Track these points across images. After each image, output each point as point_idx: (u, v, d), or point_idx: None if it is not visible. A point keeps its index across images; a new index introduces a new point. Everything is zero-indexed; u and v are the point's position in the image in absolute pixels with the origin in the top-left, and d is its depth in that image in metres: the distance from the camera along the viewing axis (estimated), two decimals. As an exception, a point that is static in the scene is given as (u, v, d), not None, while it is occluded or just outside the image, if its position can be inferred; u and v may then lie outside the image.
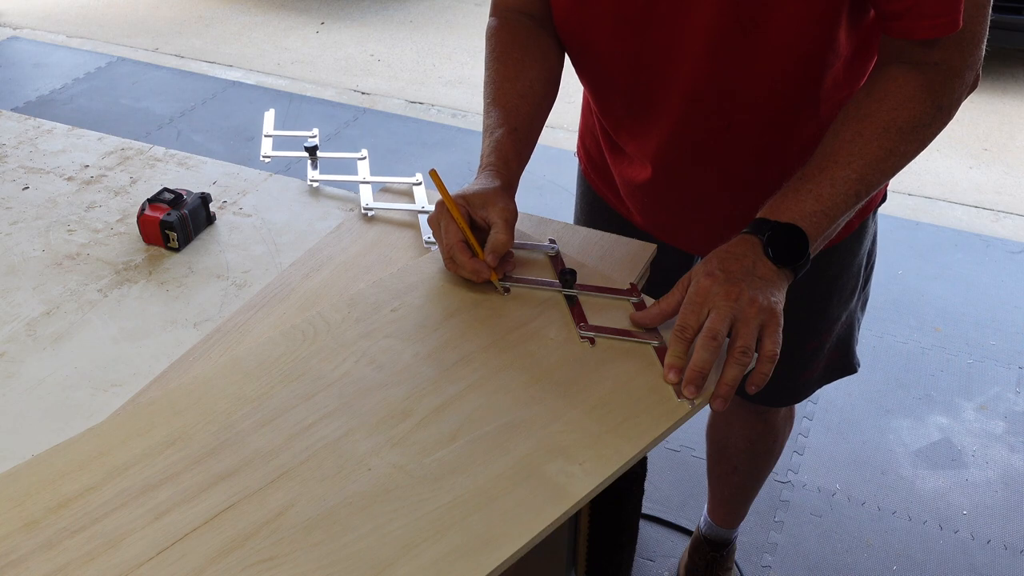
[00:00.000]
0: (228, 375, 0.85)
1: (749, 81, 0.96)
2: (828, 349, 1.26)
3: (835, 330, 1.24)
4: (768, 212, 0.90)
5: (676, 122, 1.02)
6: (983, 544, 1.81)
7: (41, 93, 3.56)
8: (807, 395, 1.35)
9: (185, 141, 3.21)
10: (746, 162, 1.05)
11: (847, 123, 0.91)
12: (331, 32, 4.24)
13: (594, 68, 1.06)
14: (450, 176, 2.99)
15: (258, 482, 0.74)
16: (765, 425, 1.43)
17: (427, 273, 0.99)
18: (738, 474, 1.53)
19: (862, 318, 1.30)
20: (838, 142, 0.90)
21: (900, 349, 2.31)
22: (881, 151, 0.89)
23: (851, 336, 1.29)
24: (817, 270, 1.12)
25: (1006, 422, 2.10)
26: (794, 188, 0.90)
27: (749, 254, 0.87)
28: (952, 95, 0.91)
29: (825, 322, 1.22)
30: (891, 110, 0.89)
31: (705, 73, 0.96)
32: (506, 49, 1.04)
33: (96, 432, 0.79)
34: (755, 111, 0.99)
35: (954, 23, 0.86)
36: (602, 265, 1.02)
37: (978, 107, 3.57)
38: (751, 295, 0.83)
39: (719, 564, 1.68)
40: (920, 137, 0.91)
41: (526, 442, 0.78)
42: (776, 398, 1.36)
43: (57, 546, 0.69)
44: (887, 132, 0.89)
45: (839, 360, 1.30)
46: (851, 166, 0.89)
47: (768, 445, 1.47)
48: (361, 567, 0.67)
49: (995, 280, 2.59)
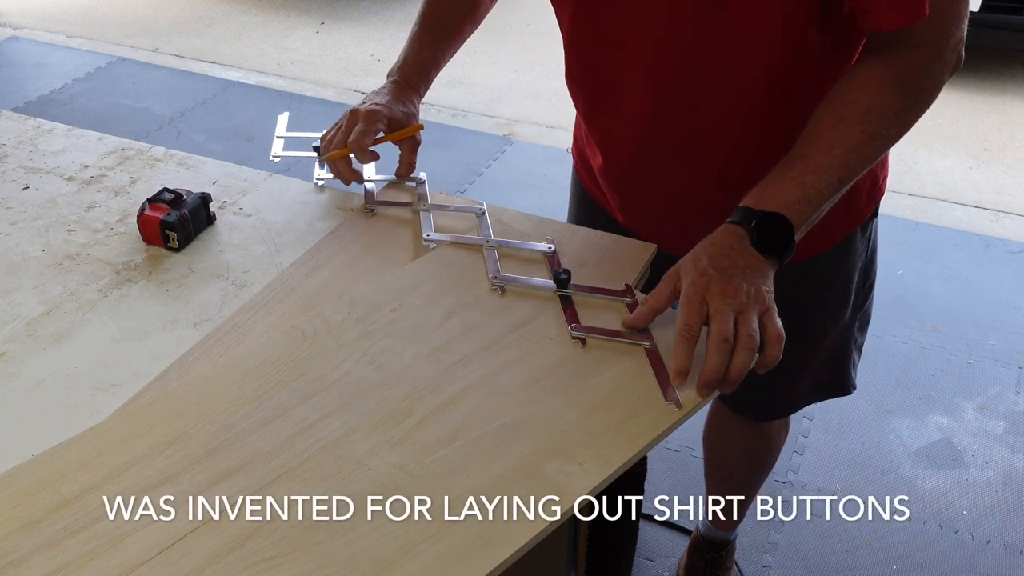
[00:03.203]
0: (228, 375, 0.85)
1: (714, 66, 0.95)
2: (817, 365, 1.24)
3: (823, 346, 1.22)
4: (752, 201, 0.90)
5: (645, 107, 1.01)
6: (983, 544, 1.81)
7: (41, 93, 3.56)
8: (796, 409, 1.35)
9: (185, 141, 3.21)
10: (718, 155, 1.04)
11: (829, 109, 0.91)
12: (331, 32, 4.24)
13: (568, 48, 1.07)
14: (450, 176, 3.01)
15: (258, 482, 0.74)
16: (761, 434, 1.43)
17: (427, 273, 0.99)
18: (734, 480, 1.53)
19: (861, 340, 1.27)
20: (820, 128, 0.90)
21: (900, 349, 2.31)
22: (863, 136, 0.89)
23: (845, 357, 1.26)
24: (793, 278, 1.12)
25: (1006, 422, 2.10)
26: (777, 176, 0.90)
27: (736, 247, 0.87)
28: (933, 77, 0.91)
29: (810, 336, 1.20)
30: (872, 95, 0.89)
31: (668, 53, 0.95)
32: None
33: (96, 432, 0.79)
34: (723, 99, 0.98)
35: (920, 11, 0.86)
36: (601, 265, 1.02)
37: (978, 107, 3.57)
38: (747, 289, 0.84)
39: (718, 564, 1.68)
40: (902, 121, 0.91)
41: (526, 442, 0.78)
42: (764, 412, 1.35)
43: (57, 546, 0.69)
44: (869, 117, 0.89)
45: (830, 379, 1.28)
46: (833, 153, 0.89)
47: (764, 453, 1.47)
48: (361, 567, 0.67)
49: (995, 280, 2.59)
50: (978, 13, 3.46)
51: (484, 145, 3.26)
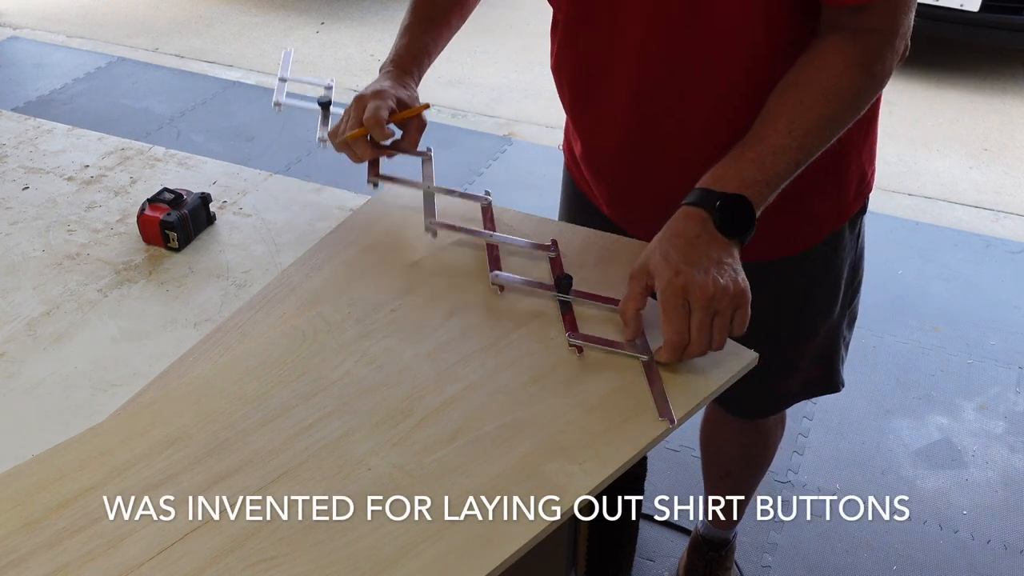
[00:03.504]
0: (228, 375, 0.85)
1: (698, 51, 0.95)
2: (808, 363, 1.25)
3: (814, 344, 1.22)
4: (711, 182, 0.89)
5: (629, 92, 1.01)
6: (983, 544, 1.81)
7: (41, 93, 3.56)
8: (785, 407, 1.35)
9: (185, 141, 3.21)
10: (703, 145, 1.03)
11: (787, 90, 0.91)
12: (331, 32, 4.24)
13: (556, 29, 1.08)
14: (450, 176, 3.00)
15: (258, 482, 0.74)
16: (756, 431, 1.43)
17: (427, 273, 0.99)
18: (731, 478, 1.54)
19: (849, 337, 1.28)
20: (778, 109, 0.91)
21: (900, 349, 2.31)
22: (821, 119, 0.90)
23: (835, 354, 1.26)
24: (782, 275, 1.11)
25: (1006, 422, 2.10)
26: (736, 156, 0.90)
27: (702, 234, 0.87)
28: (885, 63, 0.91)
29: (801, 334, 1.20)
30: (830, 77, 0.90)
31: (653, 36, 0.96)
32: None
33: (96, 432, 0.79)
34: (707, 86, 0.98)
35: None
36: (601, 266, 1.02)
37: (978, 107, 3.57)
38: (723, 284, 0.84)
39: (718, 564, 1.68)
40: (857, 105, 0.92)
41: (526, 442, 0.78)
42: (753, 409, 1.35)
43: (57, 546, 0.69)
44: (827, 99, 0.90)
45: (820, 377, 1.28)
46: (792, 134, 0.89)
47: (760, 450, 1.47)
48: (361, 567, 0.67)
49: (995, 280, 2.59)
50: (978, 13, 3.46)
51: (484, 145, 3.26)
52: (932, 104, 3.58)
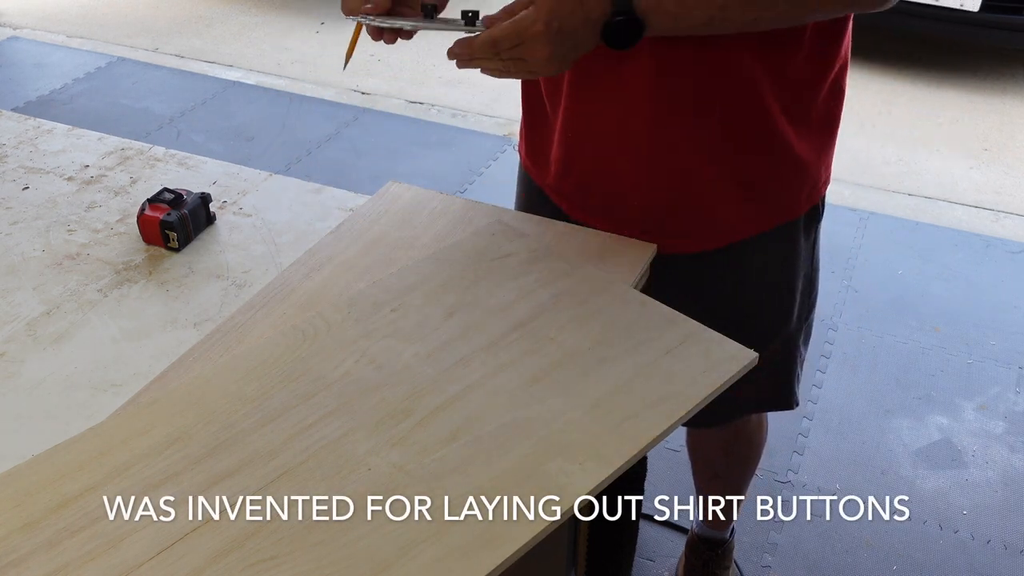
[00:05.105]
0: (228, 375, 0.85)
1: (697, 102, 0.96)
2: (762, 375, 1.21)
3: (770, 350, 1.18)
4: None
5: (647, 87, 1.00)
6: (983, 544, 1.81)
7: (41, 93, 3.56)
8: (736, 417, 1.34)
9: (185, 141, 3.21)
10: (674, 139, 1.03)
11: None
12: (331, 32, 4.24)
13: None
14: (450, 176, 3.01)
15: (258, 482, 0.74)
16: (736, 432, 1.43)
17: (427, 273, 0.99)
18: (720, 480, 1.54)
19: (804, 355, 1.25)
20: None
21: (900, 349, 2.31)
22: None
23: (789, 370, 1.24)
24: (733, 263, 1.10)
25: (1006, 422, 2.10)
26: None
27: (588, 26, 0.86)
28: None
29: (757, 337, 1.13)
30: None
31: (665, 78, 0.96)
32: None
33: (96, 432, 0.79)
34: (685, 63, 0.97)
35: None
36: (601, 265, 1.02)
37: (978, 107, 3.57)
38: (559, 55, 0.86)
39: (716, 563, 1.68)
40: (795, 3, 0.89)
41: (526, 442, 0.78)
42: (701, 418, 1.34)
43: (57, 546, 0.69)
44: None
45: (772, 392, 1.26)
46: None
47: (743, 450, 1.47)
48: (361, 567, 0.67)
49: (995, 280, 2.59)
50: (978, 13, 3.46)
51: (484, 145, 3.26)
52: (932, 104, 3.58)
